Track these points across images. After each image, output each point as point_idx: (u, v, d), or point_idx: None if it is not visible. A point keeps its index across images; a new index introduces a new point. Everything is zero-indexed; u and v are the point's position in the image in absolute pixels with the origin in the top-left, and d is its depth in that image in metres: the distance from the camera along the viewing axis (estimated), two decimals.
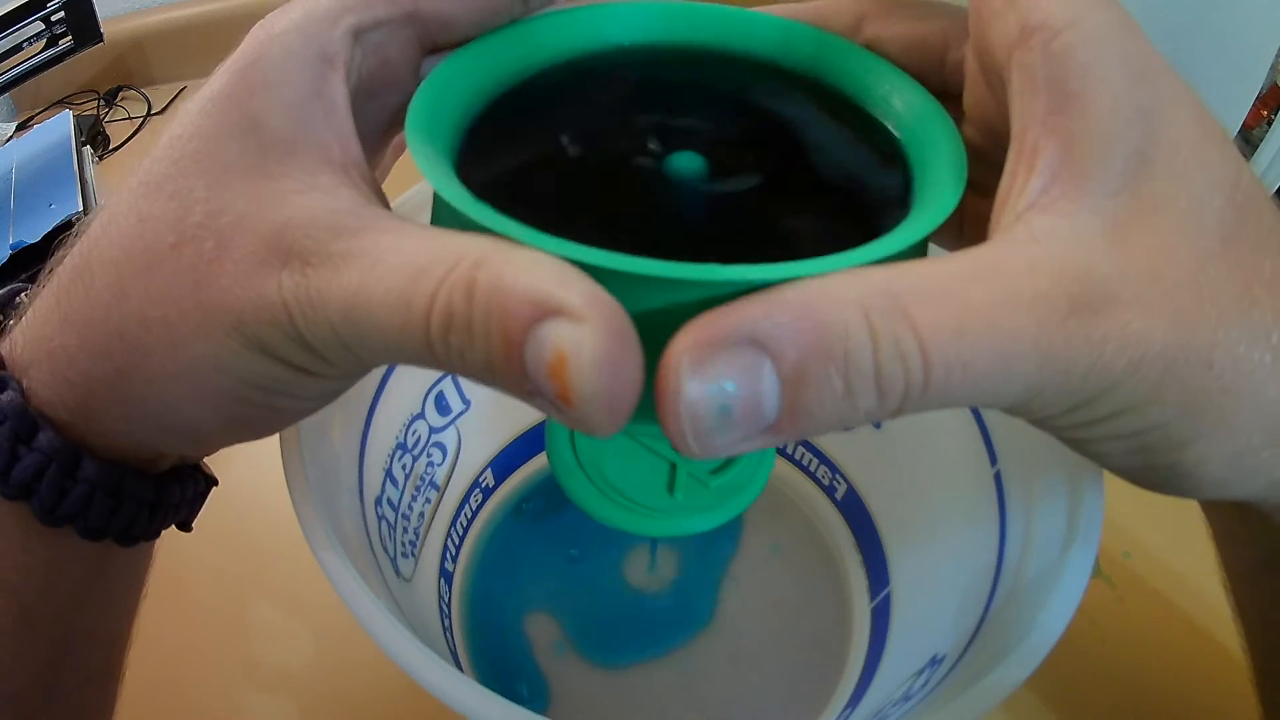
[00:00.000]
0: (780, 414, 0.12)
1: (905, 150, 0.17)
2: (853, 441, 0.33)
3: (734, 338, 0.12)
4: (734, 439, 0.12)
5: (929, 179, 0.16)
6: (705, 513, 0.23)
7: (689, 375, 0.12)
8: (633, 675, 0.32)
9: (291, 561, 0.37)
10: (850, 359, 0.12)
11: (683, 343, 0.12)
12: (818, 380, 0.12)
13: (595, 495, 0.23)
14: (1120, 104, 0.13)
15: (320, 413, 0.23)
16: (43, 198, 0.47)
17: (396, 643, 0.17)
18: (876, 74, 0.18)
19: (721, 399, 0.12)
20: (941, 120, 0.17)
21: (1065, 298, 0.12)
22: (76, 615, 0.20)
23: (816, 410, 0.12)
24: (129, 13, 0.68)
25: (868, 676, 0.29)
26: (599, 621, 0.33)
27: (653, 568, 0.34)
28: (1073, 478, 0.21)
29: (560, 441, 0.24)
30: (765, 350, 0.12)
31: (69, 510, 0.17)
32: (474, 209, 0.13)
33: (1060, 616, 0.19)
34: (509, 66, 0.18)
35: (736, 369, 0.12)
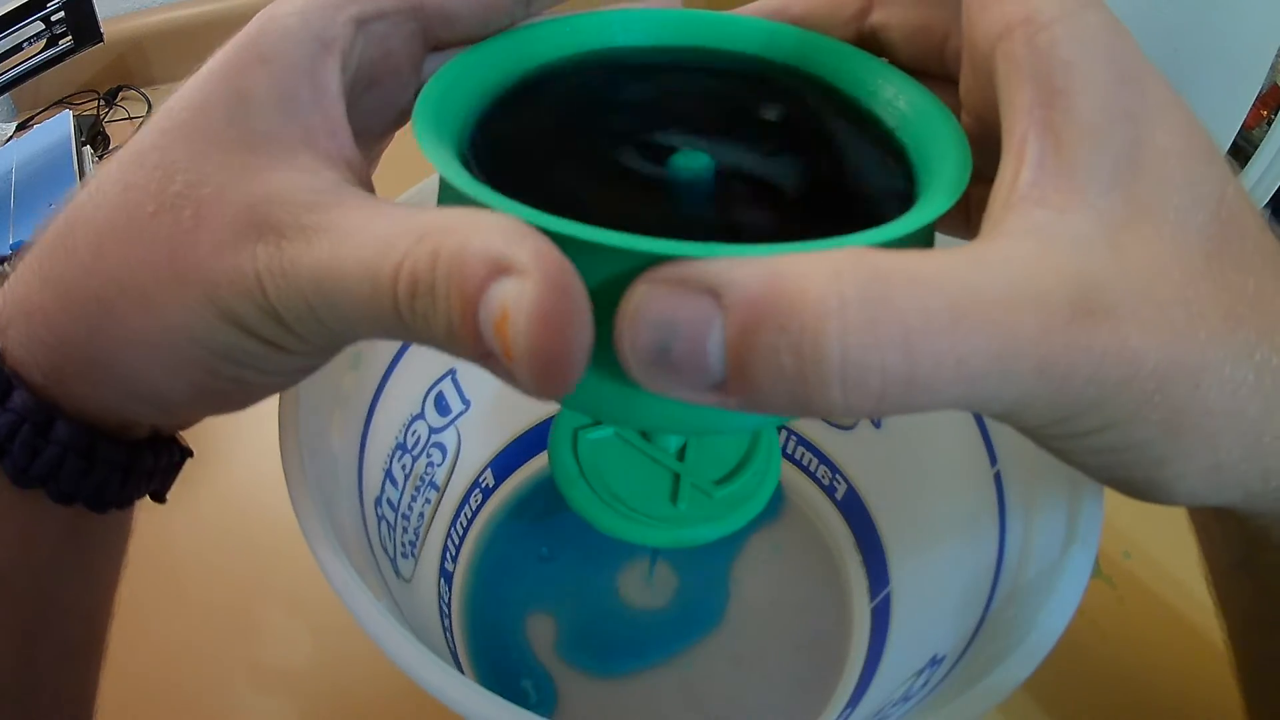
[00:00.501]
0: (726, 375, 0.11)
1: (907, 148, 0.17)
2: (853, 441, 0.33)
3: (691, 281, 0.11)
4: (677, 384, 0.12)
5: (933, 171, 0.16)
6: (709, 523, 0.23)
7: (640, 300, 0.12)
8: (633, 676, 0.32)
9: (291, 561, 0.37)
10: (806, 336, 0.11)
11: (652, 274, 0.12)
12: (764, 350, 0.11)
13: (597, 504, 0.23)
14: (1107, 104, 0.13)
15: (320, 413, 0.23)
16: (43, 198, 0.47)
17: (396, 644, 0.17)
18: (874, 73, 0.18)
19: (664, 335, 0.11)
20: (942, 114, 0.16)
21: (1067, 301, 0.12)
22: (52, 587, 0.20)
23: (764, 384, 0.11)
24: (129, 13, 0.68)
25: (867, 676, 0.29)
26: (601, 627, 0.33)
27: (651, 575, 0.34)
28: (1073, 478, 0.21)
29: (563, 450, 0.24)
30: (721, 304, 0.11)
31: (40, 471, 0.17)
32: (474, 188, 0.14)
33: (1060, 617, 0.19)
34: (515, 66, 0.18)
35: (684, 310, 0.11)
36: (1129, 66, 0.13)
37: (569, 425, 0.24)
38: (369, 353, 0.26)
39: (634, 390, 0.13)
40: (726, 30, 0.19)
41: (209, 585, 0.36)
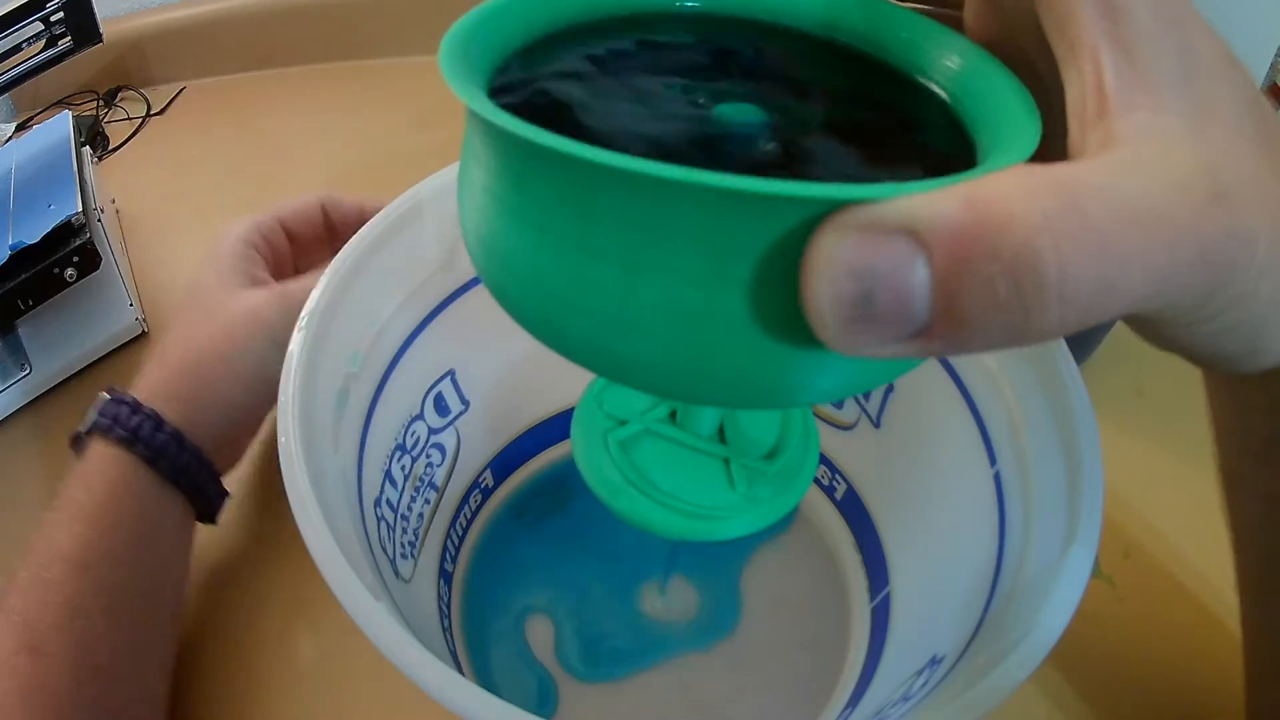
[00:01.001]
0: (932, 317, 0.11)
1: (955, 105, 0.16)
2: (852, 441, 0.33)
3: (884, 223, 0.11)
4: (879, 338, 0.11)
5: (994, 114, 0.15)
6: (772, 501, 0.22)
7: (837, 250, 0.11)
8: (633, 676, 0.32)
9: (292, 561, 0.37)
10: (1022, 258, 0.10)
11: (837, 220, 0.11)
12: (977, 281, 0.11)
13: (656, 509, 0.21)
14: (1159, 14, 0.13)
15: (319, 414, 0.23)
16: (42, 198, 0.47)
17: (396, 645, 0.17)
18: (925, 32, 0.17)
19: (866, 284, 0.11)
20: (993, 64, 0.16)
21: (1204, 189, 0.12)
22: (156, 593, 0.31)
23: (977, 318, 0.11)
24: (128, 13, 0.68)
25: (867, 676, 0.29)
26: (604, 629, 0.33)
27: (666, 579, 0.34)
28: (1072, 478, 0.21)
29: (600, 463, 0.22)
30: (919, 241, 0.11)
31: (182, 464, 0.32)
32: (500, 116, 0.12)
33: (1060, 617, 0.19)
34: (550, 16, 0.17)
35: (884, 255, 0.11)
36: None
37: (596, 430, 0.23)
38: (368, 353, 0.26)
39: (791, 357, 0.12)
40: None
41: (209, 585, 0.36)
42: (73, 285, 0.44)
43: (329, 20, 0.69)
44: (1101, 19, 0.13)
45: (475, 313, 0.30)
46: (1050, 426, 0.23)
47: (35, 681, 0.26)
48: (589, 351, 0.14)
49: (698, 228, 0.12)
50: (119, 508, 0.30)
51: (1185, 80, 0.13)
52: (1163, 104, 0.13)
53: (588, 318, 0.13)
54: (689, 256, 0.12)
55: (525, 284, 0.14)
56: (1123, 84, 0.13)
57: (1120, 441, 0.40)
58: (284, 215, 0.41)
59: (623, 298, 0.13)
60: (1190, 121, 0.13)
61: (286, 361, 0.23)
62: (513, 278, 0.14)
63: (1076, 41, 0.13)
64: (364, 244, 0.26)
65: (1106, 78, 0.13)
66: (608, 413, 0.23)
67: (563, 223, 0.13)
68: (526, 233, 0.13)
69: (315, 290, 0.24)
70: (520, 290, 0.14)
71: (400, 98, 0.67)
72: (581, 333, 0.14)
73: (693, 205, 0.11)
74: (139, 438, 0.31)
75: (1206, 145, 0.12)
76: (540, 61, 0.16)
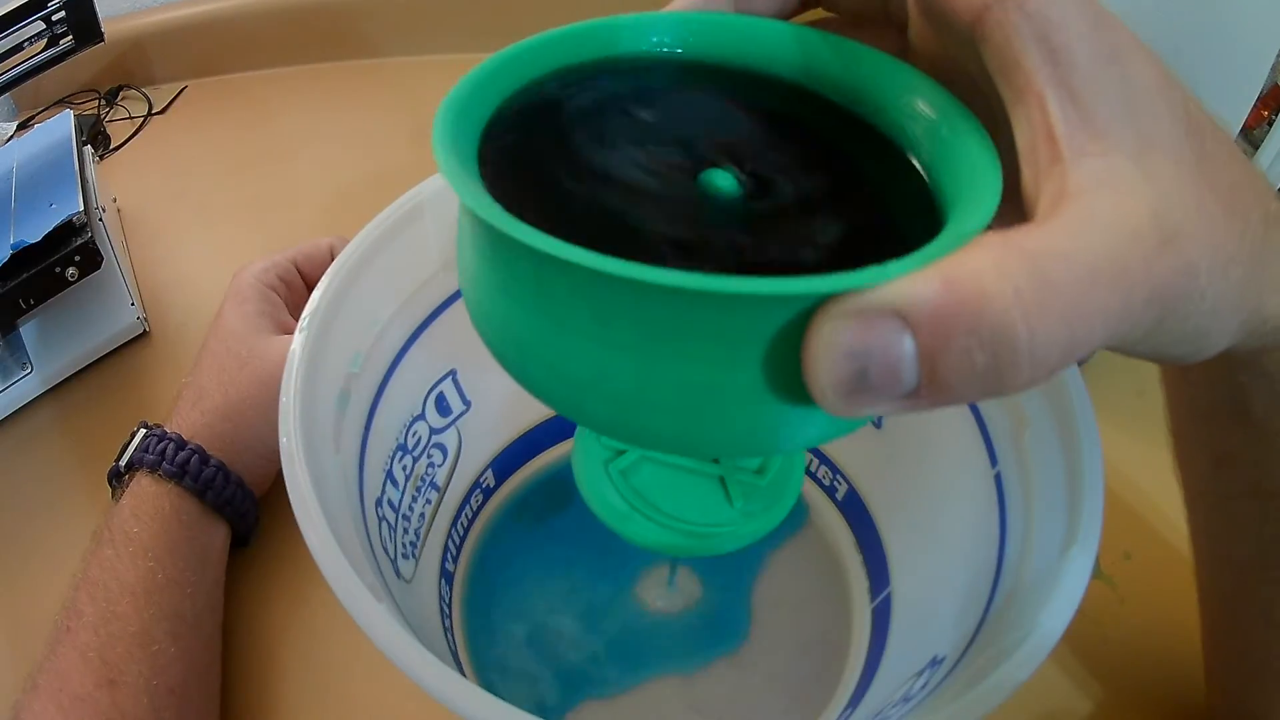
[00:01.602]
0: (919, 383, 0.12)
1: (922, 156, 0.17)
2: (853, 442, 0.33)
3: (874, 308, 0.12)
4: (872, 403, 0.13)
5: (960, 165, 0.16)
6: (769, 510, 0.23)
7: (832, 337, 0.12)
8: (634, 677, 0.32)
9: (292, 562, 0.37)
10: (996, 332, 0.12)
11: (830, 310, 0.12)
12: (957, 353, 0.12)
13: (661, 532, 0.22)
14: (1097, 51, 0.14)
15: (319, 416, 0.23)
16: (43, 197, 0.47)
17: (397, 647, 0.17)
18: (897, 80, 0.18)
19: (860, 363, 0.12)
20: (952, 107, 0.16)
21: (1152, 234, 0.13)
22: (211, 613, 0.34)
23: (958, 383, 0.12)
24: (130, 12, 0.68)
25: (868, 677, 0.29)
26: (609, 631, 0.33)
27: (672, 583, 0.34)
28: (1073, 480, 0.21)
29: (603, 492, 0.23)
30: (905, 321, 0.12)
31: (227, 496, 0.35)
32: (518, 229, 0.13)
33: (1060, 618, 0.19)
34: (534, 74, 0.18)
35: (875, 336, 0.12)
36: (1098, 14, 0.15)
37: (596, 460, 0.23)
38: (369, 354, 0.26)
39: (792, 419, 0.14)
40: (751, 35, 0.19)
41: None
42: (74, 285, 0.44)
43: (330, 19, 0.69)
44: (1044, 64, 0.14)
45: None
46: (1051, 428, 0.23)
47: (116, 711, 0.28)
48: (609, 426, 0.15)
49: (705, 321, 0.13)
50: (174, 538, 0.33)
51: (1127, 113, 0.14)
52: (1109, 144, 0.14)
53: (607, 399, 0.15)
54: (698, 345, 0.13)
55: (545, 370, 0.15)
56: (1070, 129, 0.14)
57: (1120, 442, 0.40)
58: (297, 258, 0.42)
59: (638, 381, 0.14)
60: (1135, 158, 0.14)
61: (288, 362, 0.23)
62: (532, 362, 0.15)
63: (1023, 87, 0.14)
64: (365, 245, 0.26)
65: (1055, 124, 0.14)
66: (605, 443, 0.24)
67: (578, 319, 0.14)
68: (545, 326, 0.14)
69: (316, 291, 0.24)
70: (540, 374, 0.15)
71: (402, 97, 0.67)
72: (601, 411, 0.15)
73: (700, 304, 0.13)
74: (187, 471, 0.34)
75: (1152, 183, 0.14)
76: (530, 132, 0.17)
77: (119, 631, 0.30)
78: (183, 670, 0.31)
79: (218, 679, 0.33)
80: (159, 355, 0.48)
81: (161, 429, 0.35)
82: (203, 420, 0.36)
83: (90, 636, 0.29)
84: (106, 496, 0.36)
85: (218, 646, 0.34)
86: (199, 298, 0.51)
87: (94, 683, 0.28)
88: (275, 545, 0.38)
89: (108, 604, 0.30)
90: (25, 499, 0.41)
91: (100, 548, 0.32)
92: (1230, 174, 0.16)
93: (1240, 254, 0.15)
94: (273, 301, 0.40)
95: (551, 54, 0.18)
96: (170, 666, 0.30)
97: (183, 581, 0.32)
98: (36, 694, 0.28)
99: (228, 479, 0.35)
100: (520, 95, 0.18)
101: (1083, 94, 0.14)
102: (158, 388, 0.46)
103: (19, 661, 0.34)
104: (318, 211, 0.57)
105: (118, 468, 0.35)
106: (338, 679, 0.34)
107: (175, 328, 0.49)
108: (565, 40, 0.18)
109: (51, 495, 0.41)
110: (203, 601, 0.33)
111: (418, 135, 0.63)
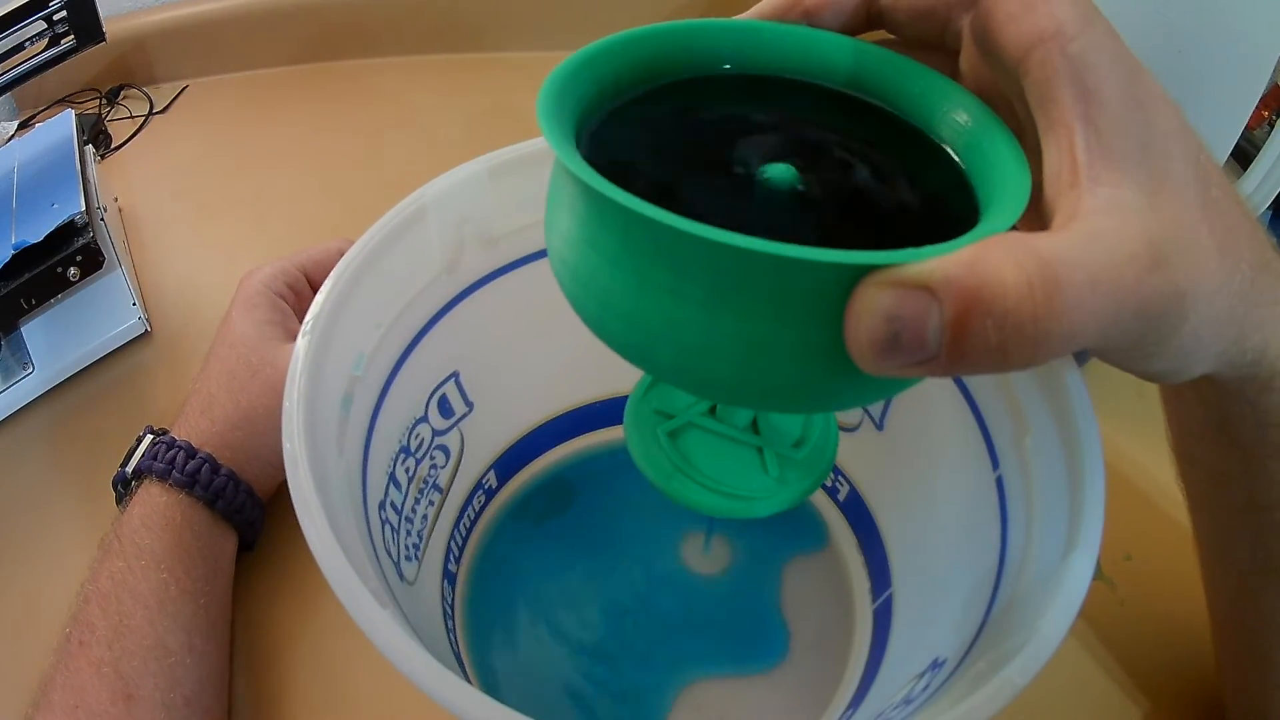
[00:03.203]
0: (940, 350, 0.14)
1: (963, 157, 0.19)
2: (856, 443, 0.33)
3: (909, 281, 0.14)
4: (901, 362, 0.15)
5: (995, 172, 0.18)
6: (803, 481, 0.25)
7: (874, 301, 0.14)
8: (633, 677, 0.32)
9: (296, 563, 0.37)
10: (1010, 317, 0.14)
11: (874, 279, 0.14)
12: (975, 329, 0.14)
13: (701, 492, 0.24)
14: (1124, 97, 0.16)
15: (322, 418, 0.23)
16: (45, 197, 0.47)
17: (401, 651, 0.18)
18: (940, 91, 0.20)
19: (894, 327, 0.14)
20: (1002, 134, 0.18)
21: (1146, 258, 0.15)
22: (222, 619, 0.34)
23: (971, 355, 0.14)
24: (131, 11, 0.68)
25: (869, 679, 0.29)
26: (614, 634, 0.33)
27: (707, 547, 0.35)
28: (1074, 483, 0.21)
29: (651, 452, 0.25)
30: (935, 295, 0.14)
31: (237, 504, 0.35)
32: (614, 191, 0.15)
33: (1061, 623, 0.19)
34: (622, 77, 0.20)
35: (908, 305, 0.14)
36: (1131, 65, 0.17)
37: (646, 424, 0.26)
38: (372, 356, 0.26)
39: (834, 375, 0.16)
40: (815, 45, 0.21)
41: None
42: (75, 285, 0.45)
43: (331, 19, 0.69)
44: (1077, 102, 0.16)
45: (479, 315, 0.30)
46: (1053, 432, 0.23)
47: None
48: (674, 372, 0.18)
49: (765, 282, 0.15)
50: (186, 548, 0.33)
51: (1143, 153, 0.16)
52: (1123, 177, 0.16)
53: (675, 348, 0.17)
54: (758, 303, 0.15)
55: (622, 319, 0.17)
56: (1091, 159, 0.16)
57: (1121, 443, 0.40)
58: (306, 263, 0.42)
59: (705, 332, 0.16)
60: (1143, 193, 0.16)
61: (291, 365, 0.23)
62: (610, 313, 0.17)
63: (1056, 119, 0.17)
64: (367, 248, 0.26)
65: (1079, 154, 0.16)
66: (655, 409, 0.26)
67: (657, 274, 0.16)
68: (625, 279, 0.17)
69: (320, 294, 0.24)
70: (617, 324, 0.17)
71: (402, 97, 0.67)
72: (668, 358, 0.17)
73: (763, 267, 0.15)
74: (198, 481, 0.34)
75: (1154, 216, 0.16)
76: (616, 124, 0.20)
77: (133, 645, 0.30)
78: (197, 679, 0.31)
79: (227, 683, 0.33)
80: (160, 355, 0.48)
81: (170, 435, 0.35)
82: (213, 428, 0.35)
83: (104, 651, 0.29)
84: (109, 498, 0.36)
85: (228, 652, 0.34)
86: (201, 297, 0.51)
87: (110, 698, 0.28)
88: (279, 547, 0.38)
89: (120, 617, 0.30)
90: (26, 499, 0.41)
91: (110, 558, 0.32)
92: (1229, 219, 0.18)
93: (1227, 289, 0.17)
94: (282, 309, 0.39)
95: (632, 51, 0.20)
96: (186, 677, 0.30)
97: (195, 592, 0.32)
98: (51, 710, 0.28)
99: (238, 488, 0.35)
100: (611, 86, 0.20)
101: (1107, 132, 0.16)
102: (159, 388, 0.46)
103: (19, 660, 0.34)
104: (318, 211, 0.57)
105: (124, 474, 0.35)
106: (343, 680, 0.34)
107: (177, 327, 0.49)
108: (645, 40, 0.20)
109: (53, 495, 0.41)
110: (215, 610, 0.33)
111: (418, 135, 0.63)
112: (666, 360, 0.17)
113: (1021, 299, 0.14)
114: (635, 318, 0.17)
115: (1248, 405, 0.21)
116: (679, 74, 0.21)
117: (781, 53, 0.21)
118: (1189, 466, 0.27)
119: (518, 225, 0.29)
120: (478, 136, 0.63)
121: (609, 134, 0.19)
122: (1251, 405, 0.21)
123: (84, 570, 0.33)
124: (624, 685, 0.32)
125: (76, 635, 0.30)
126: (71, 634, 0.30)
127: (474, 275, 0.29)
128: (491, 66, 0.70)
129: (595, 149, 0.18)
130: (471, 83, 0.69)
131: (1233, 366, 0.19)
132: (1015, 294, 0.14)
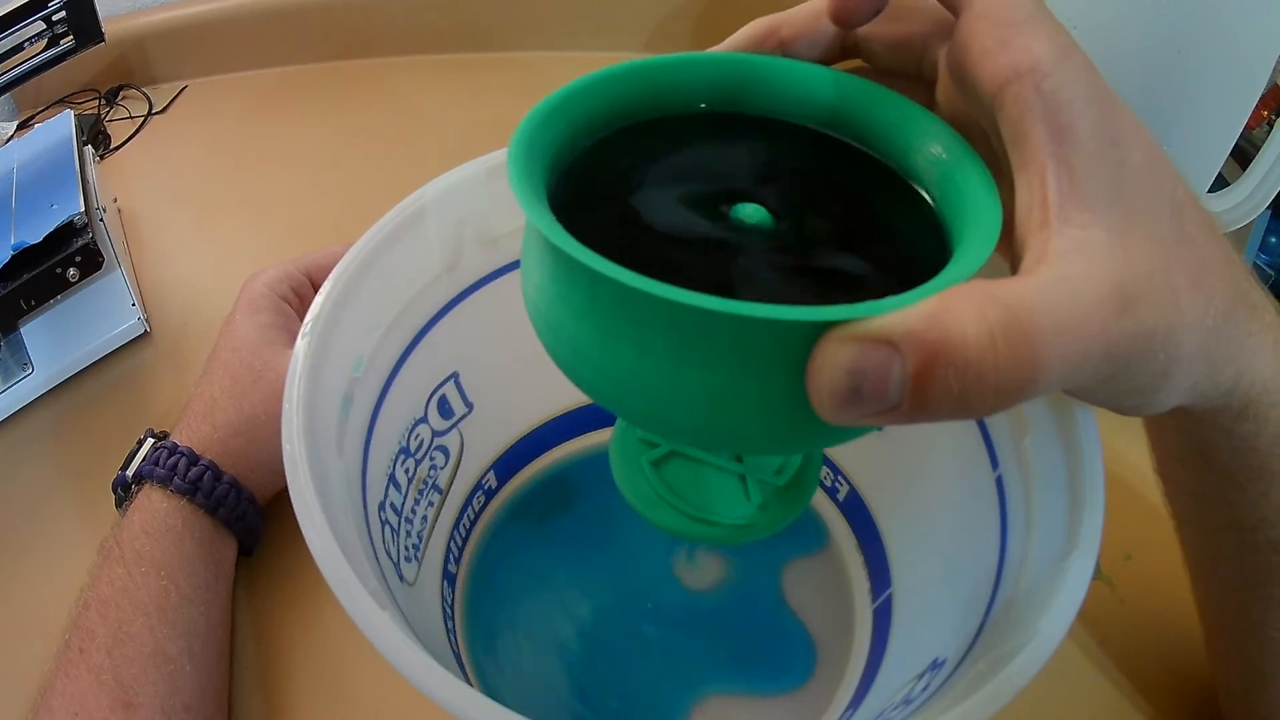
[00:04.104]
0: (903, 400, 0.14)
1: (937, 197, 0.19)
2: (855, 444, 0.33)
3: (871, 335, 0.14)
4: (861, 413, 0.15)
5: (967, 210, 0.18)
6: (785, 506, 0.25)
7: (836, 356, 0.14)
8: (634, 676, 0.32)
9: (296, 566, 0.37)
10: (970, 368, 0.14)
11: (836, 334, 0.14)
12: (937, 381, 0.14)
13: (685, 520, 0.25)
14: (1099, 134, 0.16)
15: (322, 419, 0.23)
16: (44, 198, 0.47)
17: (401, 653, 0.18)
18: (916, 124, 0.20)
19: (856, 380, 0.14)
20: (975, 167, 0.18)
21: (1114, 301, 0.15)
22: (222, 625, 0.34)
23: (932, 405, 0.14)
24: (130, 11, 0.68)
25: (868, 679, 0.29)
26: (607, 631, 0.33)
27: (692, 558, 0.35)
28: (1074, 483, 0.21)
29: (636, 481, 0.25)
30: (896, 349, 0.14)
31: (239, 512, 0.35)
32: (579, 251, 0.15)
33: (1060, 623, 0.19)
34: (593, 118, 0.20)
35: (870, 359, 0.14)
36: (1106, 99, 0.17)
37: (631, 452, 0.26)
38: (372, 357, 0.26)
39: (797, 423, 0.16)
40: (790, 75, 0.21)
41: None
42: (75, 285, 0.45)
43: (331, 19, 0.69)
44: (1050, 140, 0.16)
45: (478, 316, 0.30)
46: (1053, 433, 0.23)
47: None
48: (645, 419, 0.18)
49: (727, 338, 0.15)
50: (187, 555, 0.33)
51: (1116, 193, 0.16)
52: (1094, 218, 0.16)
53: (644, 398, 0.17)
54: (721, 357, 0.16)
55: (592, 369, 0.18)
56: (1062, 199, 0.16)
57: (1120, 443, 0.40)
58: (310, 267, 0.41)
59: (671, 384, 0.16)
60: (1114, 233, 0.16)
61: (290, 367, 0.23)
62: (582, 362, 0.18)
63: (1029, 157, 0.16)
64: (368, 249, 0.26)
65: (1050, 193, 0.16)
66: (639, 437, 0.26)
67: (623, 329, 0.16)
68: (593, 332, 0.17)
69: (319, 295, 0.24)
70: (588, 372, 0.18)
71: (403, 97, 0.67)
72: (639, 406, 0.17)
73: (724, 325, 0.15)
74: (199, 488, 0.34)
75: (1124, 257, 0.16)
76: (588, 166, 0.20)
77: (133, 653, 0.30)
78: (197, 686, 0.31)
79: (227, 690, 0.33)
80: (160, 355, 0.48)
81: (171, 440, 0.35)
82: (215, 434, 0.35)
83: (104, 659, 0.29)
84: (108, 499, 0.36)
85: (228, 658, 0.34)
86: (200, 298, 0.51)
87: (110, 705, 0.28)
88: (279, 549, 0.38)
89: (120, 624, 0.30)
90: (26, 499, 0.41)
91: (109, 564, 0.32)
92: (1203, 254, 0.18)
93: (1199, 327, 0.17)
94: (285, 313, 0.39)
95: (606, 91, 0.20)
96: (186, 684, 0.30)
97: (196, 599, 0.32)
98: (52, 716, 0.28)
99: (239, 495, 0.35)
100: (579, 132, 0.20)
101: (1079, 170, 0.16)
102: (159, 388, 0.46)
103: (19, 660, 0.34)
104: (317, 211, 0.57)
105: (124, 477, 0.35)
106: (343, 682, 0.34)
107: (176, 328, 0.49)
108: (619, 78, 0.20)
109: (53, 496, 0.41)
110: (215, 617, 0.33)
111: (417, 135, 0.63)
112: (637, 408, 0.18)
113: (984, 350, 0.14)
114: (604, 368, 0.17)
115: (1223, 433, 0.21)
116: (654, 112, 0.21)
117: (757, 85, 0.21)
118: (1172, 488, 0.27)
119: (517, 226, 0.29)
120: (478, 137, 0.63)
121: (581, 177, 0.19)
122: (1227, 433, 0.21)
123: (83, 572, 0.33)
124: (624, 685, 0.32)
125: (76, 642, 0.30)
126: (71, 640, 0.30)
127: (473, 276, 0.29)
128: (491, 66, 0.70)
129: (566, 194, 0.19)
130: (471, 83, 0.69)
131: (1205, 398, 0.19)
132: (977, 345, 0.14)
